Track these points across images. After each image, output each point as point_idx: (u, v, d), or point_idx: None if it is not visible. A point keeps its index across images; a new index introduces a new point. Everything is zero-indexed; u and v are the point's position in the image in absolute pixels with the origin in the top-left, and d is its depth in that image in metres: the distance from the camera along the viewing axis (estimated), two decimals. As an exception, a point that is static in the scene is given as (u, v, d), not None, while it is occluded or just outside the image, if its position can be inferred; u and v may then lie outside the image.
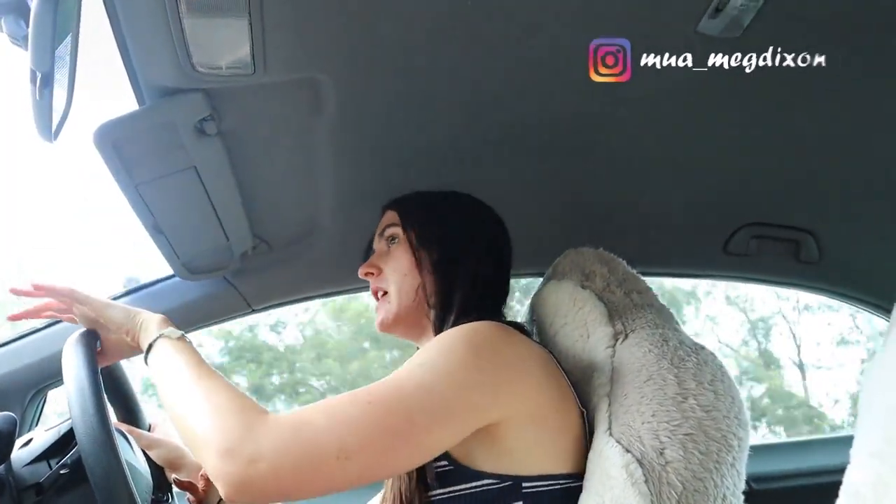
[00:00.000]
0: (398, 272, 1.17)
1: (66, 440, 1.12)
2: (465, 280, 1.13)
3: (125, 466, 0.96)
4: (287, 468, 0.80)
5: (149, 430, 1.34)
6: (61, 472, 1.08)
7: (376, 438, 0.82)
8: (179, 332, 1.04)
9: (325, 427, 0.82)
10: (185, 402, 0.91)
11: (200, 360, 0.98)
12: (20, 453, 1.12)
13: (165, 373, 0.98)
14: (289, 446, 0.81)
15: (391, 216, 1.22)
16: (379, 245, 1.24)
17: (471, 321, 1.00)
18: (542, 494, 0.94)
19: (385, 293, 1.19)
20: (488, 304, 1.15)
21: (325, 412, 0.84)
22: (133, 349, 1.13)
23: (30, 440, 1.15)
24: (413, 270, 1.16)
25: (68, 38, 0.80)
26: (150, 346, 1.02)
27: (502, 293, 1.20)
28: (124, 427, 1.23)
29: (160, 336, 1.02)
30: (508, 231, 1.24)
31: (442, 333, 0.98)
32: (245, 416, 0.84)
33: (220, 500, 1.21)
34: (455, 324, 1.06)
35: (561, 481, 0.95)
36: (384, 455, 0.83)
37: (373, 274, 1.21)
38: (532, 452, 0.95)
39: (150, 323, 1.07)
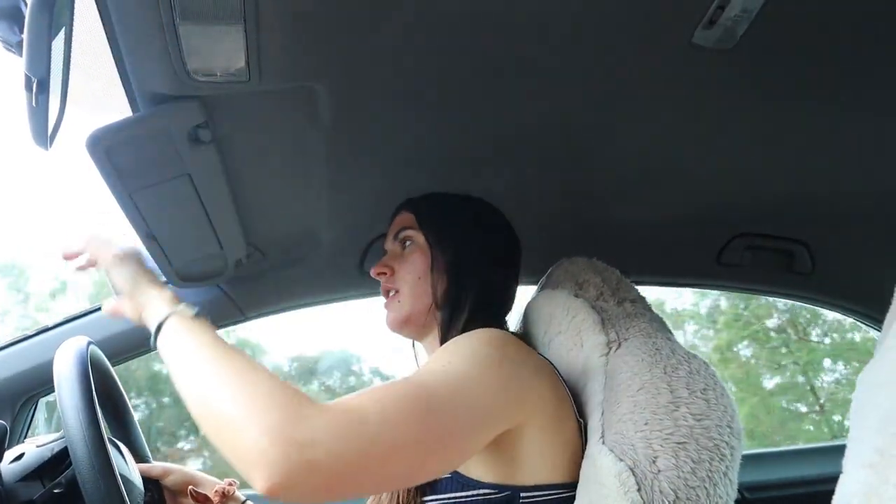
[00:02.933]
0: (412, 274, 1.18)
1: (61, 458, 1.10)
2: (476, 284, 1.14)
3: (122, 487, 0.95)
4: (347, 458, 0.72)
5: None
6: (55, 490, 1.07)
7: (423, 440, 0.78)
8: (194, 309, 0.93)
9: (380, 422, 0.75)
10: (214, 381, 0.79)
11: (223, 341, 0.87)
12: (12, 468, 1.11)
13: (184, 353, 0.86)
14: (349, 434, 0.73)
15: (407, 218, 1.23)
16: (392, 246, 1.24)
17: (478, 327, 1.01)
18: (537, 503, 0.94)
19: (396, 292, 1.20)
20: (495, 311, 1.17)
21: (379, 406, 0.77)
22: (138, 323, 1.01)
23: (21, 454, 1.14)
24: (427, 273, 1.16)
25: (62, 45, 0.80)
26: (160, 326, 0.92)
27: (510, 301, 1.22)
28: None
29: (172, 314, 0.92)
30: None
31: (461, 337, 0.98)
32: (293, 399, 0.74)
33: None
34: (463, 328, 1.07)
35: (557, 491, 0.96)
36: (428, 456, 0.80)
37: (386, 274, 1.21)
38: (532, 462, 0.94)
39: (158, 300, 0.97)
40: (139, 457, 1.30)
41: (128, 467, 1.17)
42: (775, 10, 0.91)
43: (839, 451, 0.63)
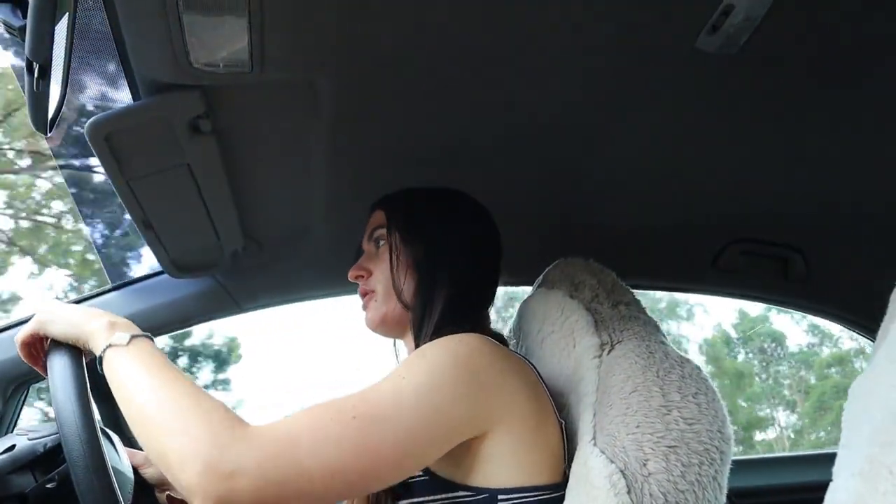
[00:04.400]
0: (385, 274, 1.15)
1: (54, 452, 1.09)
2: (445, 282, 1.11)
3: (116, 487, 0.95)
4: (270, 486, 0.77)
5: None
6: (47, 485, 1.06)
7: (360, 458, 0.81)
8: (128, 336, 0.92)
9: (308, 444, 0.79)
10: (149, 414, 0.82)
11: (163, 362, 0.89)
12: (3, 458, 1.10)
13: (122, 384, 0.88)
14: (271, 463, 0.77)
15: (378, 217, 1.21)
16: (368, 246, 1.22)
17: (451, 330, 0.99)
18: None
19: (372, 292, 1.18)
20: (469, 309, 1.13)
21: (308, 428, 0.81)
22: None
23: (13, 446, 1.13)
24: (400, 272, 1.14)
25: (64, 30, 0.80)
26: (101, 359, 0.92)
27: (486, 297, 1.18)
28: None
29: (108, 347, 0.91)
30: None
31: (425, 347, 0.96)
32: (223, 427, 0.79)
33: None
34: (434, 328, 1.06)
35: (537, 493, 0.94)
36: (367, 475, 0.82)
37: (362, 276, 1.19)
38: (509, 465, 0.93)
39: (97, 333, 0.94)
40: (127, 439, 1.30)
41: (119, 458, 1.16)
42: (779, 19, 0.91)
43: (828, 459, 0.63)
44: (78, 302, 1.53)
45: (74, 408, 0.94)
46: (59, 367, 0.99)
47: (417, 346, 1.06)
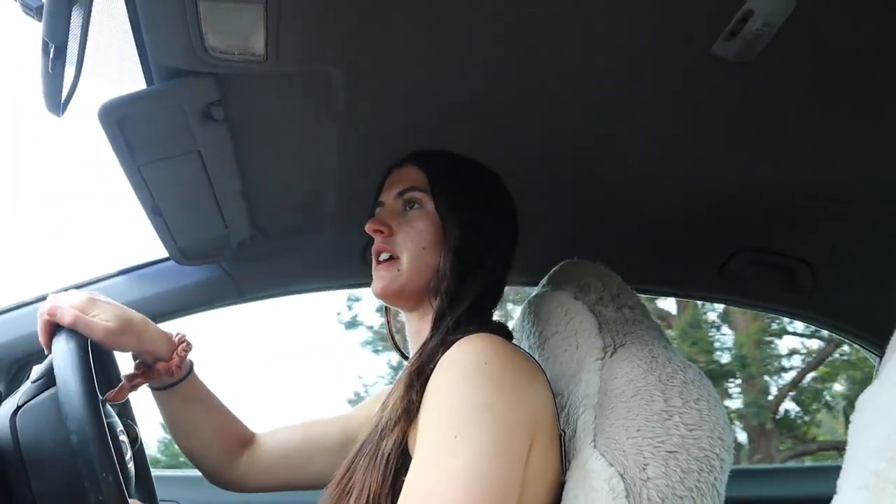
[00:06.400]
0: (417, 243, 1.06)
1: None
2: (481, 274, 1.04)
3: (114, 458, 0.95)
4: None
5: None
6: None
7: None
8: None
9: None
10: None
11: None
12: None
13: None
14: None
15: (416, 176, 1.10)
16: (393, 203, 1.11)
17: (473, 329, 0.95)
18: None
19: (393, 258, 1.08)
20: (493, 305, 1.09)
21: None
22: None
23: None
24: (433, 246, 1.06)
25: (80, 12, 0.80)
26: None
27: (501, 294, 1.13)
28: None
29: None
30: None
31: (452, 378, 0.89)
32: None
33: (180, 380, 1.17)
34: (457, 322, 0.99)
35: None
36: None
37: (382, 233, 1.08)
38: (535, 482, 0.90)
39: None
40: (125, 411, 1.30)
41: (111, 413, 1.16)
42: (797, 27, 0.91)
43: (828, 471, 0.63)
44: (83, 286, 1.53)
45: (77, 381, 0.94)
46: (61, 337, 1.00)
47: (433, 331, 1.02)
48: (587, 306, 1.13)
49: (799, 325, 7.71)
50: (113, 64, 1.04)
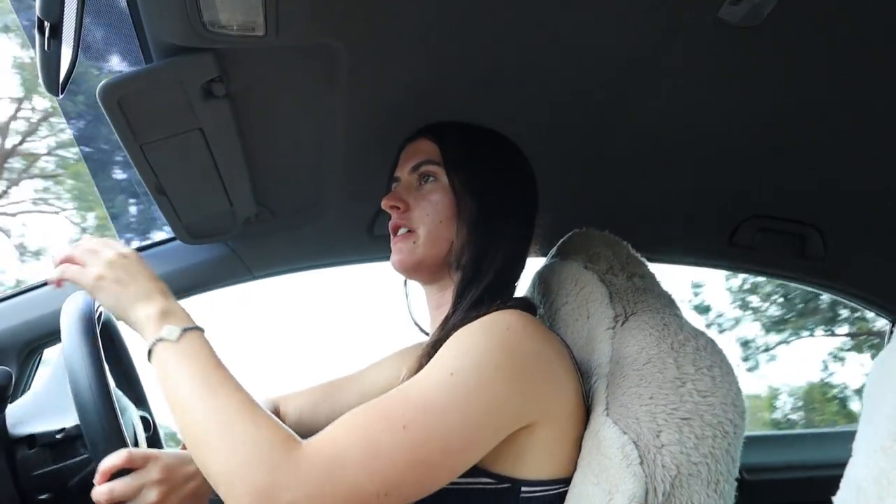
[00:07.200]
0: (433, 217, 1.06)
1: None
2: (501, 248, 1.03)
3: (124, 431, 0.96)
4: None
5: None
6: (57, 436, 1.07)
7: (416, 470, 0.77)
8: (179, 330, 0.86)
9: (362, 463, 0.75)
10: (196, 427, 0.79)
11: (213, 364, 0.84)
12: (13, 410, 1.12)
13: (169, 385, 0.83)
14: (326, 489, 0.73)
15: (429, 149, 1.09)
16: (409, 178, 1.11)
17: (496, 306, 0.94)
18: (536, 500, 0.91)
19: (410, 232, 1.08)
20: (515, 280, 1.08)
21: (358, 444, 0.76)
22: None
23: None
24: (450, 220, 1.05)
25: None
26: (150, 352, 0.87)
27: (523, 269, 1.11)
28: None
29: (157, 341, 0.86)
30: None
31: (469, 332, 0.89)
32: (273, 449, 0.75)
33: None
34: (480, 298, 0.99)
35: (558, 486, 0.93)
36: (423, 484, 0.79)
37: (398, 209, 1.08)
38: (541, 457, 0.90)
39: (147, 322, 0.88)
40: (140, 402, 1.31)
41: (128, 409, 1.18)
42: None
43: (840, 437, 0.63)
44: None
45: (84, 355, 0.95)
46: (70, 317, 1.02)
47: (455, 307, 1.01)
48: (598, 276, 1.12)
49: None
50: (110, 41, 1.03)
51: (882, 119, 1.22)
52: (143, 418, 1.24)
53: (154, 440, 1.29)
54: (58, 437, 1.07)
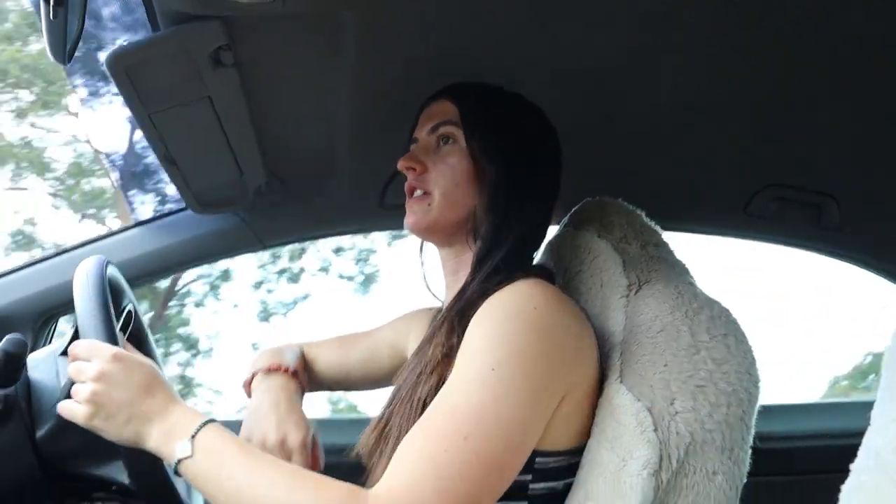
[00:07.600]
0: (449, 179, 1.03)
1: None
2: (524, 216, 1.02)
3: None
4: None
5: None
6: None
7: (489, 476, 0.78)
8: (189, 442, 0.82)
9: (438, 490, 0.75)
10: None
11: (240, 448, 0.83)
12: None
13: (209, 489, 0.81)
14: None
15: (448, 109, 1.06)
16: (427, 139, 1.08)
17: (515, 272, 0.94)
18: (550, 471, 0.91)
19: (426, 194, 1.05)
20: (535, 249, 1.07)
21: (428, 472, 0.76)
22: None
23: None
24: (467, 183, 1.02)
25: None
26: (176, 471, 0.84)
27: (545, 235, 1.10)
28: None
29: (177, 463, 0.82)
30: None
31: (498, 312, 0.88)
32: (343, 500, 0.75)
33: None
34: (497, 267, 0.97)
35: (571, 457, 0.93)
36: (495, 484, 0.80)
37: (415, 170, 1.05)
38: (558, 428, 0.90)
39: (158, 447, 0.85)
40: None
41: None
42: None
43: (854, 406, 0.62)
44: (103, 237, 1.54)
45: (97, 320, 0.96)
46: (83, 284, 1.02)
47: (473, 275, 1.00)
48: (611, 244, 1.11)
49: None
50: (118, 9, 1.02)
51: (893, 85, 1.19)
52: None
53: None
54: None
